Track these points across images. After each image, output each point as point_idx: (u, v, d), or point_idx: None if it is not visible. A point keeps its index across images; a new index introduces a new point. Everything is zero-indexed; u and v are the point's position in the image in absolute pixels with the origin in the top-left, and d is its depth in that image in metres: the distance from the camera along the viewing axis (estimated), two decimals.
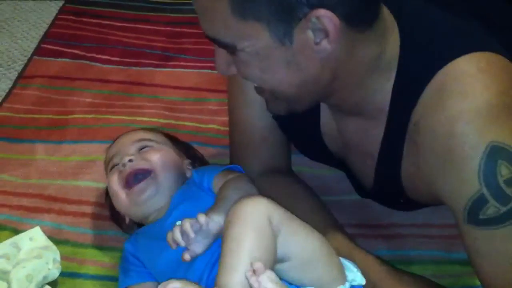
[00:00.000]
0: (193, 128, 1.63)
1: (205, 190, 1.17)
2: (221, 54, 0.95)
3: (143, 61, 1.91)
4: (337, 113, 1.10)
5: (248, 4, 0.84)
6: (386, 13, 0.95)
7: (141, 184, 1.16)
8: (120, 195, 1.18)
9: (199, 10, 0.90)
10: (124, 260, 1.16)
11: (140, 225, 1.23)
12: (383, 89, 0.98)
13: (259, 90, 1.01)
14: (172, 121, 1.65)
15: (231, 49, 0.91)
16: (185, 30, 2.05)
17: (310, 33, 0.86)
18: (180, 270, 1.04)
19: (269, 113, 1.12)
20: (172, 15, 2.13)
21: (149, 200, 1.16)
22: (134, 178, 1.16)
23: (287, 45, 0.88)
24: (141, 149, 1.22)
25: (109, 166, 1.23)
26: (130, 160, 1.18)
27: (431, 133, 0.92)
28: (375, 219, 1.34)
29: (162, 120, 1.65)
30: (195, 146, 1.40)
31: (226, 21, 0.87)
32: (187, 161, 1.26)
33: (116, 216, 1.28)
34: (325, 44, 0.87)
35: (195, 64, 1.88)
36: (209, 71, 1.84)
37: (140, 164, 1.18)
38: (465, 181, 0.89)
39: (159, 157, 1.20)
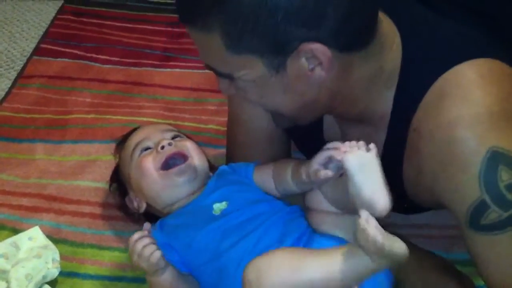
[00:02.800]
0: (193, 128, 1.62)
1: (242, 177, 1.16)
2: (221, 78, 0.97)
3: (143, 61, 1.90)
4: (340, 120, 1.10)
5: (241, 40, 0.86)
6: (386, 25, 0.95)
7: (181, 166, 1.14)
8: (155, 177, 1.14)
9: (195, 42, 0.93)
10: None
11: (148, 218, 1.22)
12: (385, 98, 0.99)
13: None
14: (172, 121, 1.64)
15: (229, 77, 0.93)
16: (185, 30, 2.02)
17: (303, 61, 0.87)
18: (226, 240, 1.03)
19: None
20: (172, 15, 2.12)
21: (186, 184, 1.14)
22: (173, 161, 1.15)
23: (282, 73, 0.89)
24: (173, 137, 1.21)
25: (136, 150, 1.19)
26: (169, 144, 1.17)
27: (432, 138, 0.92)
28: None
29: (161, 120, 1.65)
30: None
31: (221, 55, 0.89)
32: None
33: (126, 204, 1.26)
34: (319, 71, 0.88)
35: (195, 65, 1.87)
36: (209, 71, 1.84)
37: (180, 149, 1.17)
38: (466, 187, 0.89)
39: (195, 146, 1.19)
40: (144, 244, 1.03)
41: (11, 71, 1.87)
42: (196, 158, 1.17)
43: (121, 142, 1.29)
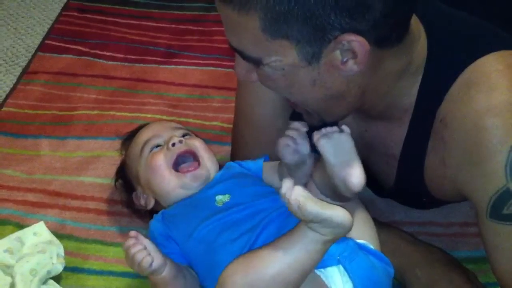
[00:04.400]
0: (197, 125, 1.63)
1: (250, 172, 1.17)
2: (242, 61, 0.94)
3: (147, 58, 1.91)
4: (360, 116, 1.09)
5: (280, 24, 0.83)
6: (413, 21, 0.94)
7: (197, 171, 1.14)
8: (167, 175, 1.14)
9: (226, 22, 0.89)
10: (153, 240, 1.11)
11: (154, 213, 1.22)
12: (410, 92, 0.99)
13: (293, 104, 1.02)
14: (176, 118, 1.64)
15: (256, 63, 0.91)
16: (189, 27, 2.05)
17: (338, 53, 0.86)
18: (224, 234, 1.04)
19: (284, 111, 1.13)
20: (176, 12, 2.13)
21: (200, 185, 1.14)
22: (183, 159, 1.15)
23: (313, 64, 0.88)
24: (183, 135, 1.21)
25: (146, 147, 1.19)
26: (180, 142, 1.16)
27: (459, 127, 0.92)
28: (378, 217, 1.34)
29: (166, 117, 1.65)
30: None
31: (255, 38, 0.86)
32: None
33: (132, 200, 1.26)
34: (351, 64, 0.87)
35: (199, 61, 1.88)
36: (213, 68, 1.85)
37: (190, 147, 1.17)
38: (491, 175, 0.89)
39: (204, 145, 1.19)
40: (135, 251, 1.02)
41: (16, 67, 1.88)
42: (206, 158, 1.17)
43: (128, 139, 1.29)
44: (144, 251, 1.03)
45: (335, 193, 0.99)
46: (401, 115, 1.02)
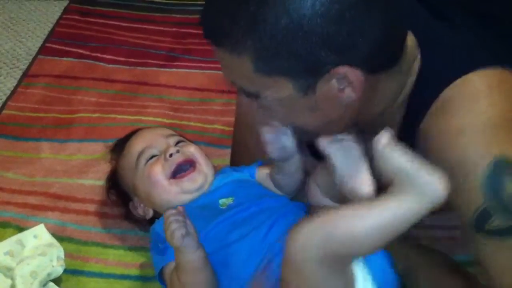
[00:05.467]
0: (198, 128, 1.63)
1: (246, 175, 1.18)
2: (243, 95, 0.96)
3: (148, 61, 1.91)
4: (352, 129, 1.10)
5: (272, 63, 0.85)
6: (409, 39, 0.94)
7: (193, 175, 1.15)
8: (167, 186, 1.15)
9: (221, 62, 0.91)
10: (157, 242, 1.11)
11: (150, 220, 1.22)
12: (402, 109, 0.99)
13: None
14: (177, 121, 1.65)
15: (254, 96, 0.92)
16: (191, 30, 2.05)
17: (334, 82, 0.87)
18: (234, 232, 1.05)
19: None
20: (178, 15, 2.14)
21: (197, 190, 1.15)
22: (183, 168, 1.15)
23: (310, 94, 0.88)
24: (177, 143, 1.21)
25: (141, 159, 1.19)
26: (177, 151, 1.16)
27: (437, 144, 0.92)
28: None
29: (167, 120, 1.66)
30: (200, 146, 1.40)
31: (249, 76, 0.88)
32: None
33: (130, 211, 1.26)
34: (349, 92, 0.88)
35: (200, 65, 1.89)
36: (214, 71, 1.85)
37: (187, 155, 1.17)
38: (470, 194, 0.89)
39: (199, 151, 1.20)
40: (173, 219, 1.00)
41: (16, 70, 1.88)
42: (203, 163, 1.18)
43: (117, 149, 1.29)
44: (182, 223, 1.01)
45: (342, 198, 0.99)
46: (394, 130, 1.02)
